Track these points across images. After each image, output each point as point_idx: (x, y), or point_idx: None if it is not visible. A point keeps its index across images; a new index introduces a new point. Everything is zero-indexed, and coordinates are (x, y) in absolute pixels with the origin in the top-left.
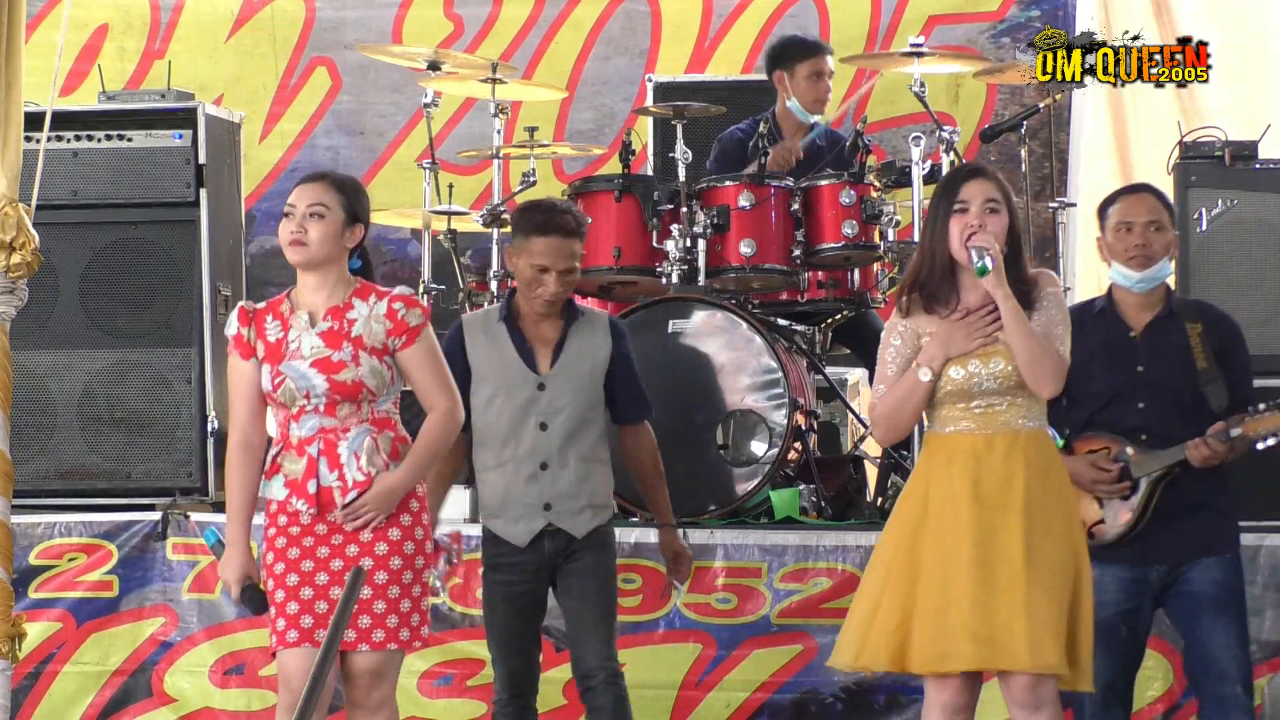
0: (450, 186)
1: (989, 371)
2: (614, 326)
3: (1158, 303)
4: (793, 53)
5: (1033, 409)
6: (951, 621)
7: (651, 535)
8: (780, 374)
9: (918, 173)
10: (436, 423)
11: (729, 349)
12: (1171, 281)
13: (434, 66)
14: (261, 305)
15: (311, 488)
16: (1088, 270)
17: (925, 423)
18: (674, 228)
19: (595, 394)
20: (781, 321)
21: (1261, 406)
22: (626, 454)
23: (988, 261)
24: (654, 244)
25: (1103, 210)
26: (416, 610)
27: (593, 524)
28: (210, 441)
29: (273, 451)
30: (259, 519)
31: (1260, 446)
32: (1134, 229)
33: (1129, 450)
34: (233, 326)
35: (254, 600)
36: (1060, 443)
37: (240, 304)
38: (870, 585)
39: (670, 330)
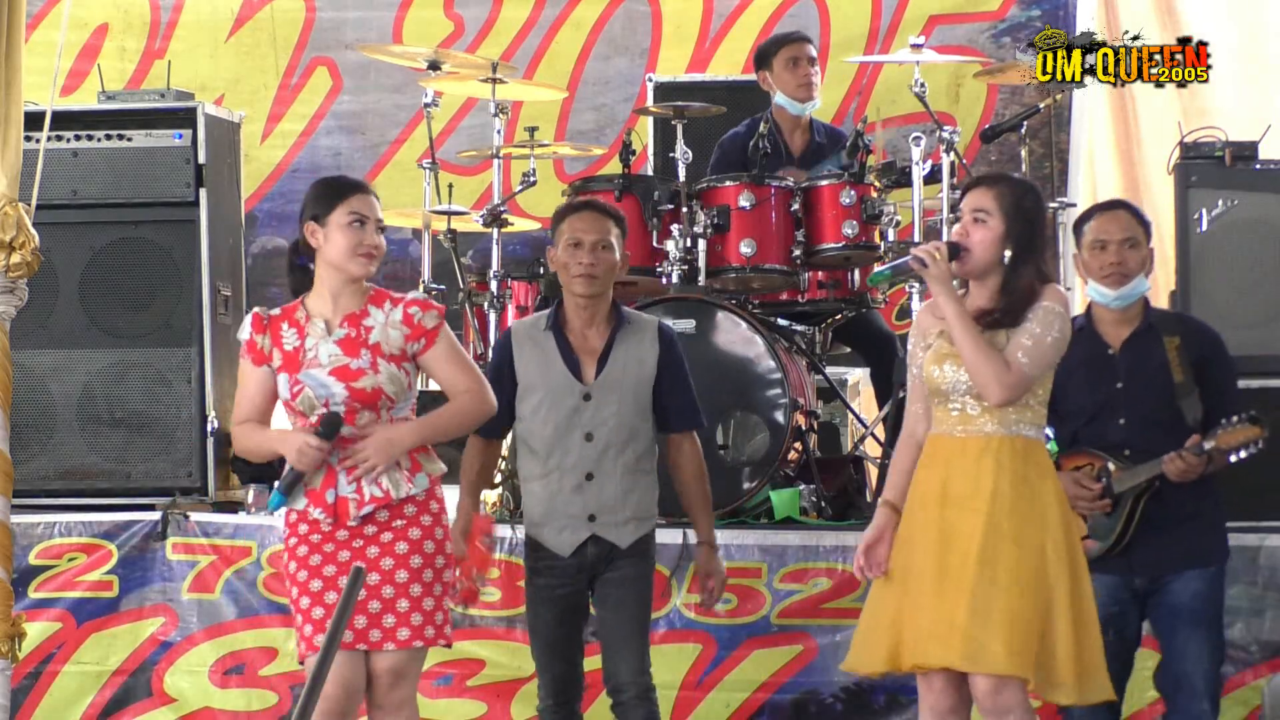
0: (450, 186)
1: (962, 376)
2: (663, 332)
3: (1135, 318)
4: (768, 49)
5: (1015, 415)
6: (918, 621)
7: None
8: (780, 374)
9: (918, 173)
10: (466, 399)
11: (729, 349)
12: (1170, 286)
13: (434, 66)
14: (276, 312)
15: (330, 497)
16: None
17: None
18: (674, 228)
19: (642, 404)
20: (781, 321)
21: (1234, 419)
22: (670, 464)
23: (887, 268)
24: (654, 244)
25: (1078, 228)
26: (440, 609)
27: (636, 535)
28: (210, 441)
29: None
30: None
31: (1233, 459)
32: (1108, 247)
33: (1111, 466)
34: (246, 331)
35: (330, 423)
36: (1054, 450)
37: (255, 310)
38: (872, 587)
39: None
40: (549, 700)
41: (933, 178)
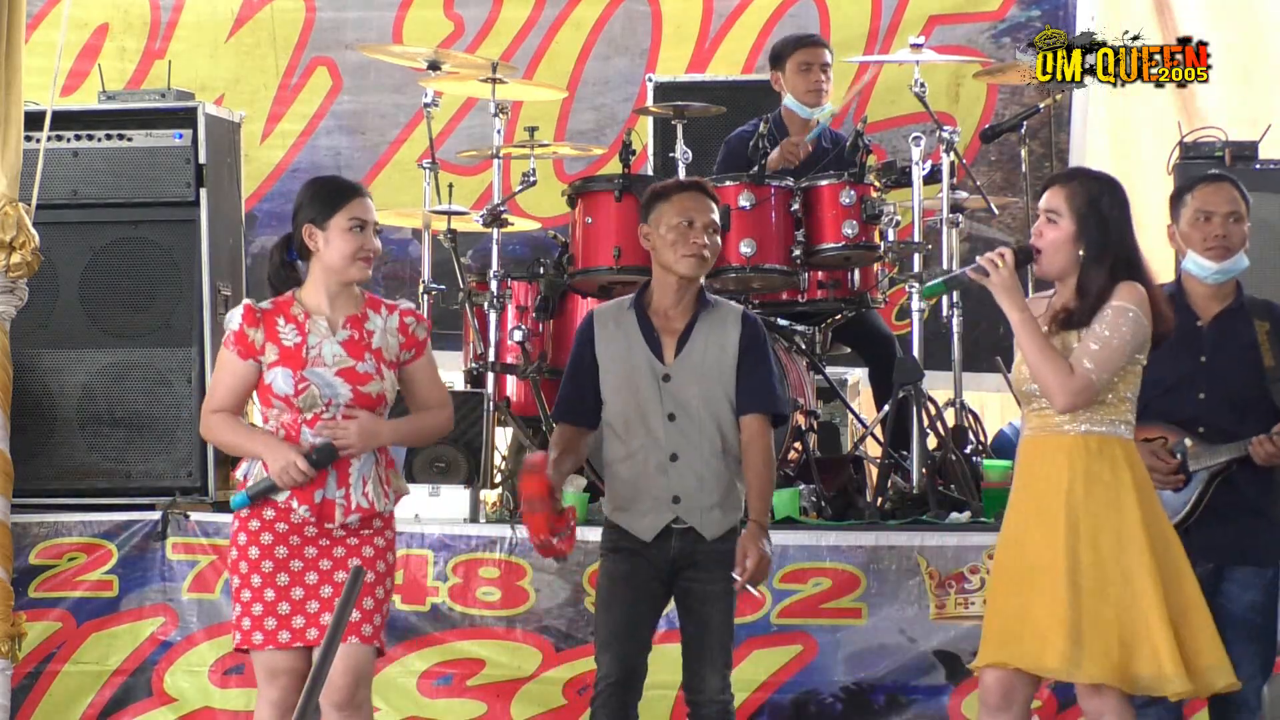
0: (450, 186)
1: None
2: (746, 317)
3: (1228, 295)
4: (783, 50)
5: (1090, 414)
6: (1006, 623)
7: None
8: (781, 374)
9: (918, 173)
10: (442, 415)
11: None
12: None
13: (434, 66)
14: (268, 305)
15: (318, 497)
16: None
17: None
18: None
19: (724, 386)
20: (781, 321)
21: None
22: (741, 446)
23: (940, 280)
24: None
25: (1178, 198)
26: (379, 611)
27: (723, 527)
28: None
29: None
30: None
31: None
32: (1213, 219)
33: (1187, 442)
34: (235, 322)
35: (325, 453)
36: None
37: (246, 302)
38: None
39: None
40: (609, 678)
41: (932, 178)
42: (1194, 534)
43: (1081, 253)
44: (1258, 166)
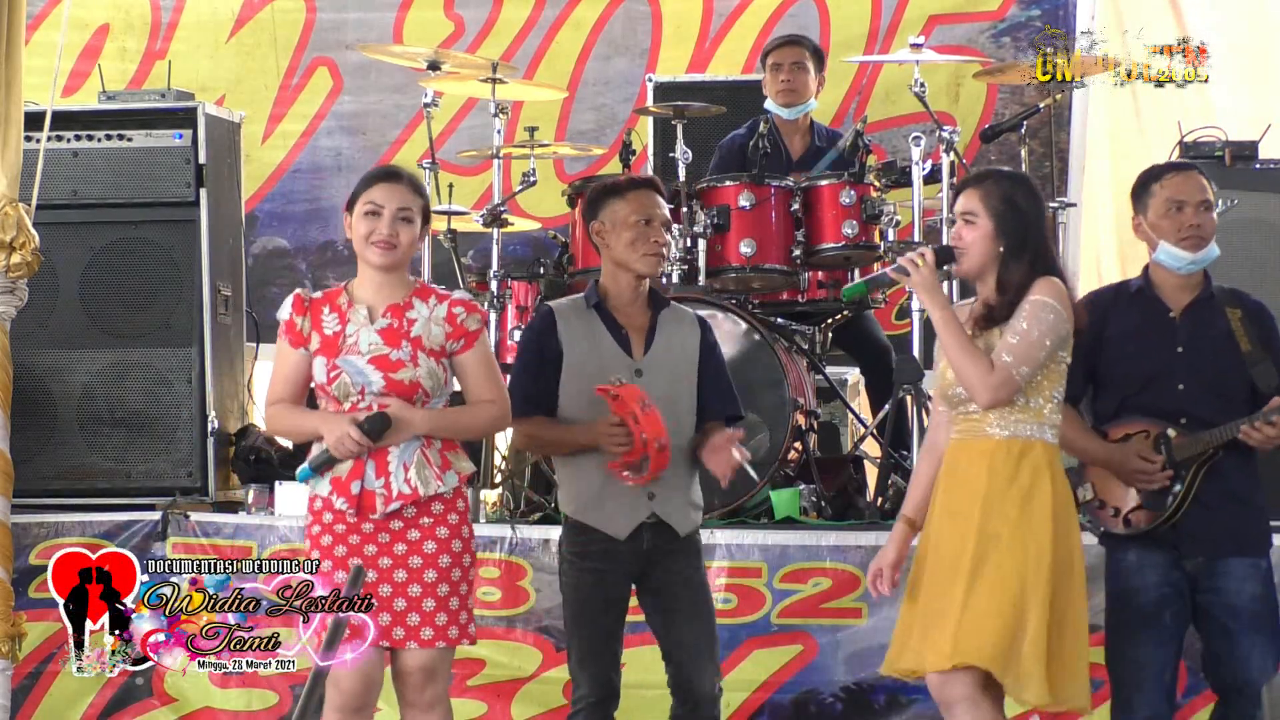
0: (451, 186)
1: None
2: (702, 321)
3: (1197, 285)
4: (764, 51)
5: (1015, 417)
6: (916, 628)
7: None
8: (780, 374)
9: (918, 173)
10: (491, 408)
11: (729, 349)
12: None
13: (434, 66)
14: (318, 295)
15: (355, 489)
16: (1088, 270)
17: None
18: (674, 228)
19: (690, 384)
20: (781, 321)
21: None
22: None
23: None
24: None
25: (1143, 187)
26: (465, 608)
27: (694, 523)
28: (210, 441)
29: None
30: (302, 520)
31: None
32: (1185, 208)
33: (1170, 433)
34: (286, 311)
35: (377, 423)
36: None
37: (297, 291)
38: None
39: None
40: (589, 699)
41: (932, 177)
42: (1182, 528)
43: (1001, 249)
44: (1258, 166)
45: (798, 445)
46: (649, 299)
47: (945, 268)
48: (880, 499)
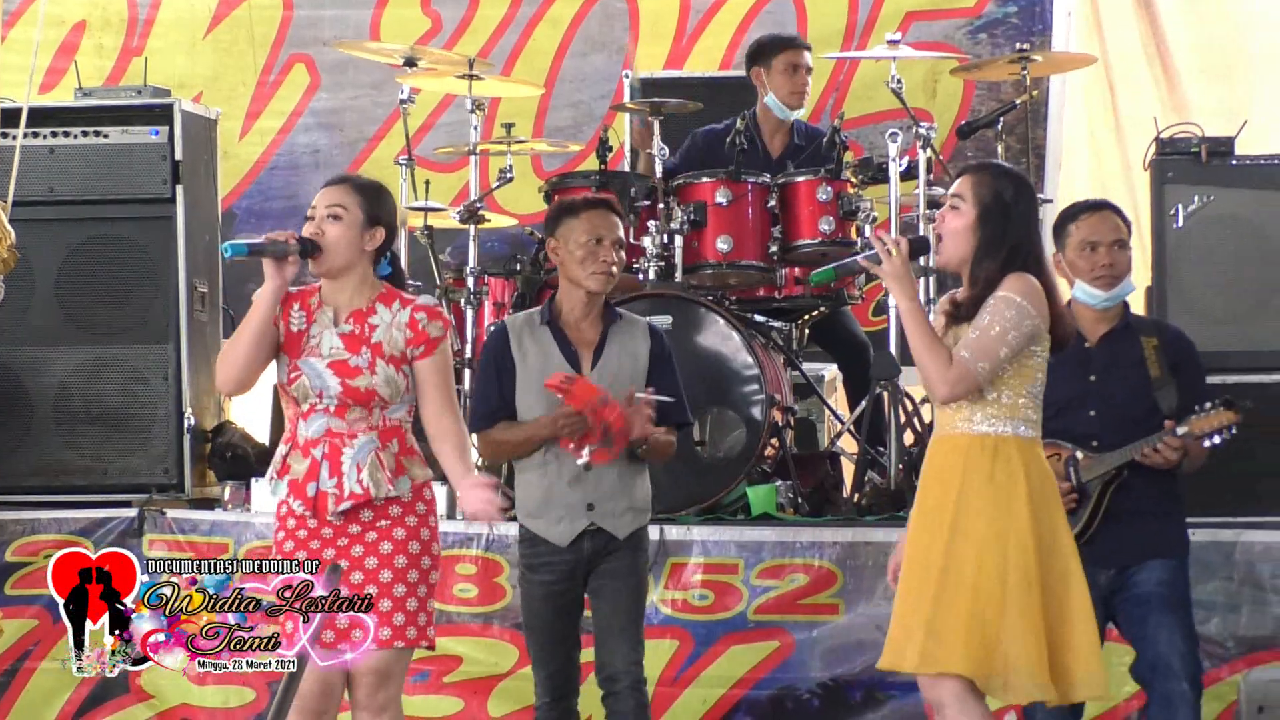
0: (428, 183)
1: None
2: (651, 330)
3: (1115, 317)
4: (770, 48)
5: (985, 412)
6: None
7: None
8: (757, 370)
9: (894, 169)
10: (461, 447)
11: (706, 345)
12: (1147, 282)
13: (410, 63)
14: (293, 290)
15: (310, 490)
16: None
17: None
18: (651, 224)
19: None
20: (758, 318)
21: (1208, 405)
22: None
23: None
24: (631, 240)
25: (1061, 227)
26: (423, 610)
27: (633, 526)
28: (187, 438)
29: (282, 451)
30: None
31: (1207, 444)
32: (1099, 248)
33: (1079, 455)
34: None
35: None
36: None
37: None
38: None
39: None
40: (546, 698)
41: (909, 174)
42: (1095, 543)
43: (976, 242)
44: (1234, 162)
45: (774, 441)
46: (601, 313)
47: (920, 260)
48: (857, 495)
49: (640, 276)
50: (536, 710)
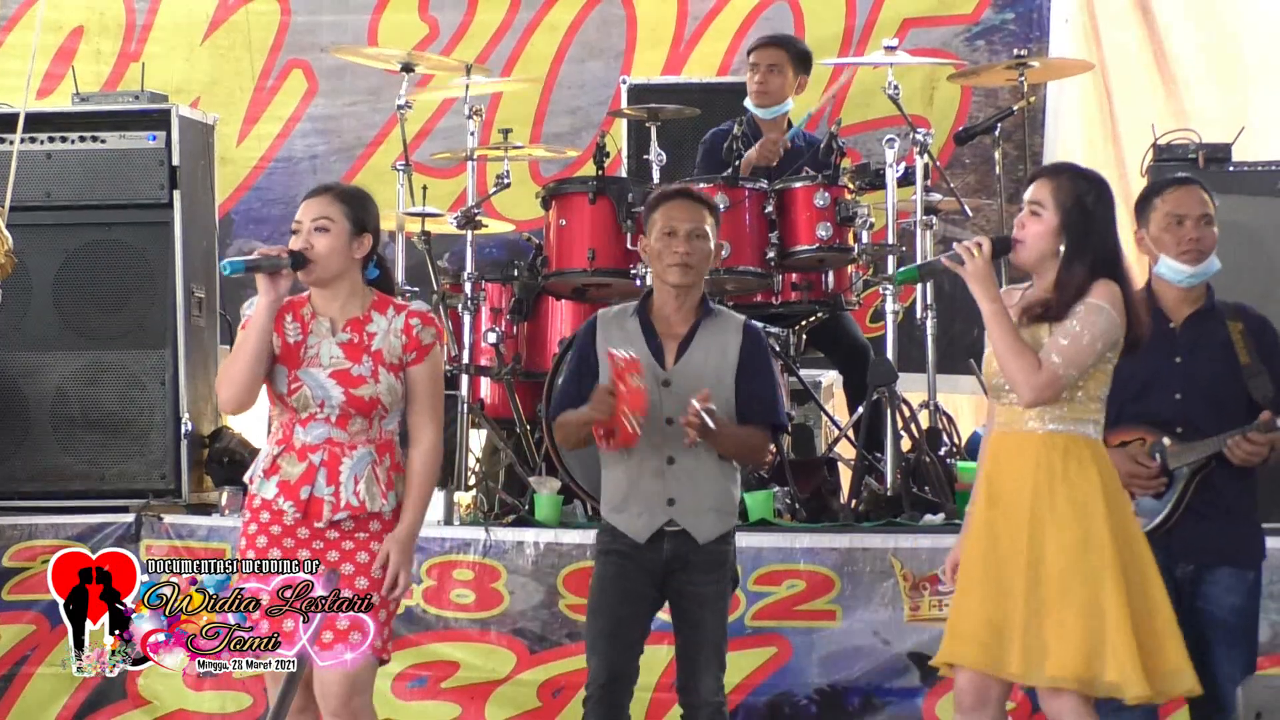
0: (425, 189)
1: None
2: (748, 327)
3: (1199, 298)
4: (748, 52)
5: (1059, 411)
6: (964, 622)
7: None
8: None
9: (892, 175)
10: (429, 461)
11: None
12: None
13: (408, 68)
14: (283, 301)
15: (304, 494)
16: None
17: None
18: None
19: (723, 393)
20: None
21: None
22: None
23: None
24: (628, 246)
25: (1145, 201)
26: (389, 625)
27: (716, 530)
28: (184, 443)
29: (272, 451)
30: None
31: None
32: (1185, 222)
33: (1165, 441)
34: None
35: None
36: None
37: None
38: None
39: None
40: (598, 682)
41: (907, 180)
42: (1175, 535)
43: (1062, 248)
44: (1231, 169)
45: (772, 447)
46: (697, 307)
47: (1000, 259)
48: (854, 501)
49: (637, 282)
50: (585, 701)
